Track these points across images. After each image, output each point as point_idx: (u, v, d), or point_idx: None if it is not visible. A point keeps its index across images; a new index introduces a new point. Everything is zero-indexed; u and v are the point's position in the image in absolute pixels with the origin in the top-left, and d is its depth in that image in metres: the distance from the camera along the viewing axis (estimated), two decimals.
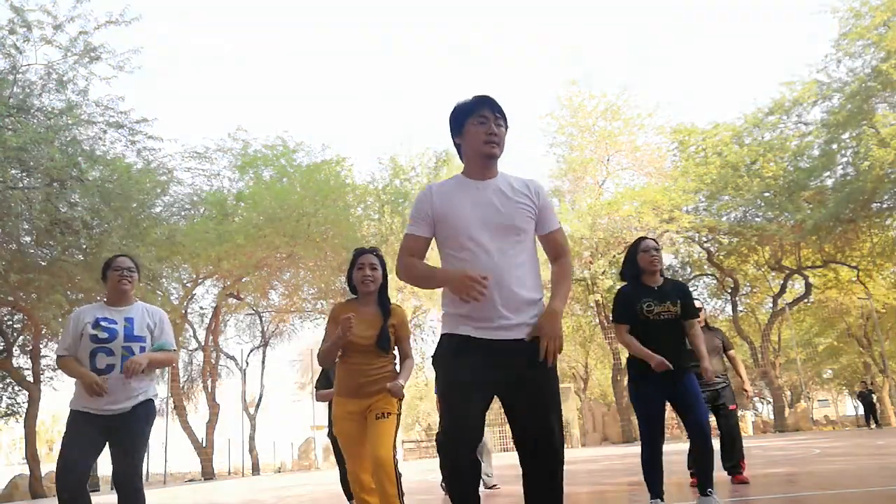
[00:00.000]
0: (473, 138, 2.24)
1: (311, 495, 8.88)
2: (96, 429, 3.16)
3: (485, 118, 2.23)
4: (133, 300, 3.45)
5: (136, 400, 3.24)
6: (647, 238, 4.05)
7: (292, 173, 21.74)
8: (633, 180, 27.40)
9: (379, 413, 3.25)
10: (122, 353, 3.23)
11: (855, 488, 4.13)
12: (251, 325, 27.69)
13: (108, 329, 3.25)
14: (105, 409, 3.17)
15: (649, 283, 3.93)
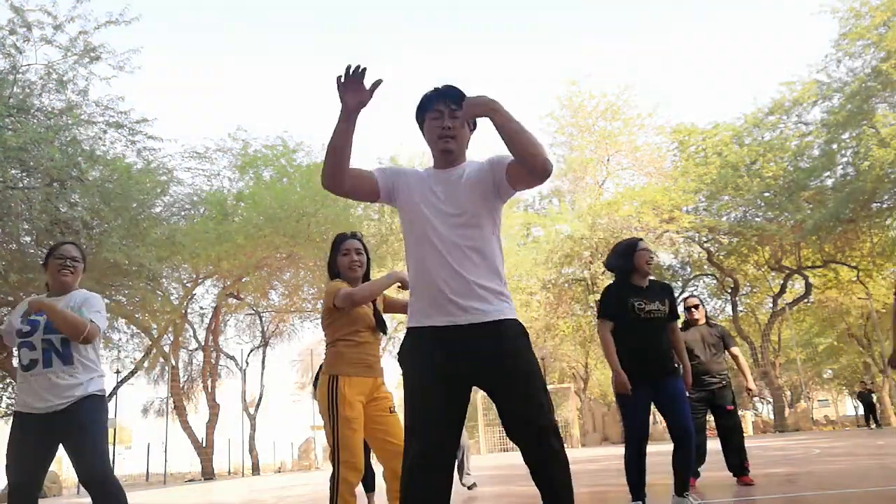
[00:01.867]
0: (429, 134, 2.18)
1: (311, 495, 8.87)
2: (39, 432, 2.91)
3: (439, 112, 2.15)
4: (72, 290, 3.14)
5: (74, 397, 2.94)
6: (640, 239, 4.10)
7: (292, 173, 21.73)
8: (633, 180, 27.43)
9: (392, 406, 3.24)
10: (42, 347, 2.95)
11: (855, 488, 4.13)
12: (251, 325, 27.70)
13: (32, 321, 2.99)
14: (37, 409, 2.90)
15: (638, 282, 3.96)
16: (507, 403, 2.01)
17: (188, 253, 17.78)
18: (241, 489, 12.99)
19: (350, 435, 3.06)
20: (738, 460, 5.63)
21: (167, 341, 23.86)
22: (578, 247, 24.81)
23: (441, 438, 1.98)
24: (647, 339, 3.82)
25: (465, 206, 2.10)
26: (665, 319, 3.92)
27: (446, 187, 2.13)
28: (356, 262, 3.31)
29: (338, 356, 3.22)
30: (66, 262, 3.12)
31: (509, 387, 1.99)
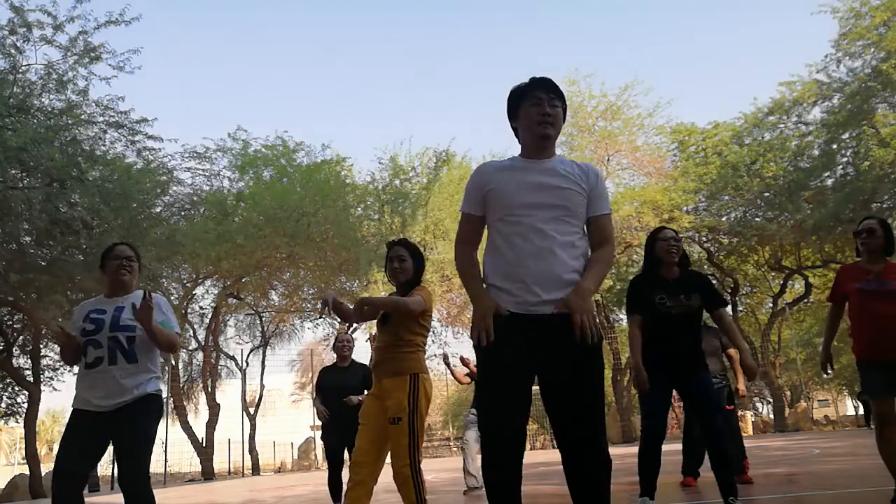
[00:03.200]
0: (527, 120, 2.25)
1: (311, 495, 8.87)
2: (94, 428, 2.98)
3: (539, 99, 2.23)
4: (132, 290, 3.22)
5: (132, 395, 3.00)
6: (666, 228, 3.92)
7: (292, 173, 21.73)
8: (633, 180, 27.40)
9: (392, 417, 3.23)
10: (108, 345, 3.01)
11: (855, 488, 4.14)
12: (251, 325, 27.69)
13: (96, 320, 3.06)
14: (97, 406, 2.97)
15: (666, 275, 3.80)
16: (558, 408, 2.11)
17: (188, 253, 17.79)
18: (241, 489, 12.99)
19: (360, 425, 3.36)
20: (736, 459, 5.63)
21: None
22: None
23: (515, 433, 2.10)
24: (667, 336, 3.69)
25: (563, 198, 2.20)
26: (692, 314, 3.75)
27: (548, 177, 2.22)
28: (397, 270, 3.45)
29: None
30: (123, 262, 3.18)
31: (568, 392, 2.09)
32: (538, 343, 2.07)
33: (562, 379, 2.08)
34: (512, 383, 2.06)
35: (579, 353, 2.07)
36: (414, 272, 3.46)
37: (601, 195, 2.29)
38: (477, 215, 2.28)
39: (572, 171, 2.25)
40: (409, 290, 3.40)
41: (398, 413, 3.20)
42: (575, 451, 2.07)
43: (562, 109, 2.28)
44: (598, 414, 2.08)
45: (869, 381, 3.55)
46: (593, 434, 2.06)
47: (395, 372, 3.28)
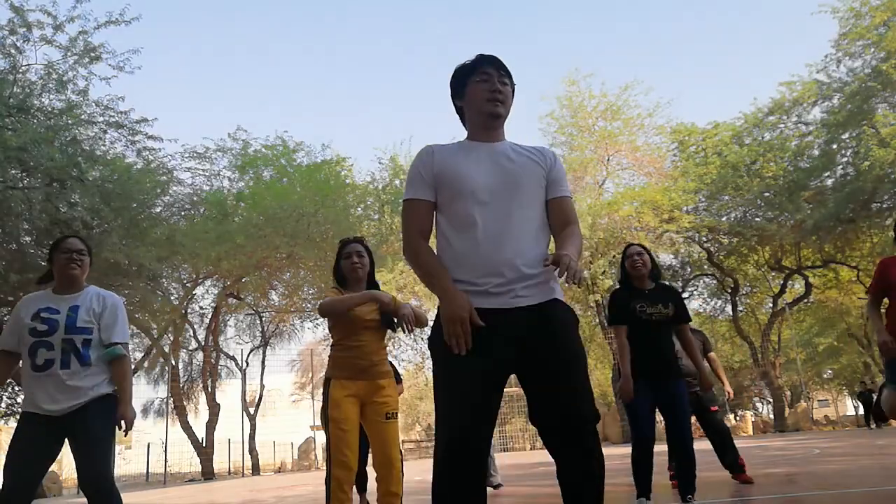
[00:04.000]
0: (476, 97, 2.07)
1: (311, 495, 8.87)
2: (46, 433, 2.83)
3: (488, 75, 2.06)
4: (83, 286, 3.05)
5: (87, 397, 2.87)
6: (633, 244, 4.16)
7: (292, 173, 21.74)
8: (633, 180, 27.39)
9: (389, 412, 3.27)
10: (62, 347, 2.86)
11: (855, 488, 4.14)
12: (251, 325, 27.69)
13: (49, 320, 2.88)
14: (49, 410, 2.82)
15: (640, 286, 4.02)
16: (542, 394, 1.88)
17: (188, 253, 17.79)
18: (241, 489, 12.99)
19: (337, 434, 3.13)
20: (731, 458, 5.66)
21: (167, 341, 23.87)
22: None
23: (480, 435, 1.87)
24: (650, 342, 3.86)
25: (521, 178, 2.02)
26: (669, 322, 3.94)
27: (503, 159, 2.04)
28: (357, 265, 3.40)
29: (332, 360, 3.35)
30: (73, 255, 3.01)
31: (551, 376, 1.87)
32: (505, 342, 1.86)
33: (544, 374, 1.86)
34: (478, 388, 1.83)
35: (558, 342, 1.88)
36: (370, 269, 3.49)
37: (560, 177, 2.10)
38: (428, 201, 2.03)
39: (528, 152, 2.09)
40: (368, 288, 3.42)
41: (395, 409, 3.30)
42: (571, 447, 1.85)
43: (511, 88, 2.10)
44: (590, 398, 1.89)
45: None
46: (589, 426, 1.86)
47: (389, 374, 3.38)
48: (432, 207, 2.06)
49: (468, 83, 2.09)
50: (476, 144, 2.09)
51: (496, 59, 2.09)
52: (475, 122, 2.12)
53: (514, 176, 2.01)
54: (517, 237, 1.94)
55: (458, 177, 2.00)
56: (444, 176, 2.02)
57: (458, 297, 1.86)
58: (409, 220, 2.04)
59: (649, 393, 3.86)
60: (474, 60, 2.10)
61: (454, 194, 2.00)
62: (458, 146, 2.11)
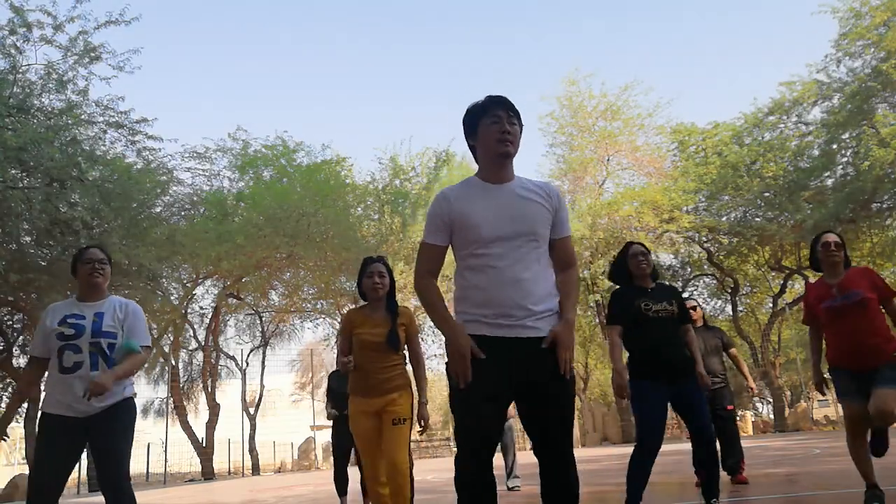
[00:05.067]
0: (487, 138, 2.23)
1: (311, 495, 8.88)
2: (71, 434, 2.97)
3: (498, 117, 2.21)
4: (105, 294, 3.26)
5: (111, 400, 3.04)
6: (635, 243, 4.06)
7: (292, 173, 21.75)
8: (633, 180, 27.43)
9: (396, 418, 3.43)
10: (89, 350, 3.04)
11: (855, 488, 4.14)
12: (251, 325, 27.69)
13: (75, 325, 3.07)
14: (78, 411, 2.98)
15: (642, 285, 3.93)
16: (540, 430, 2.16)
17: (188, 253, 17.79)
18: (241, 489, 12.99)
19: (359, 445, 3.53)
20: (735, 461, 5.64)
21: (167, 341, 23.86)
22: (578, 247, 24.79)
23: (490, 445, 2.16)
24: (659, 338, 3.74)
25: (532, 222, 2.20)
26: (675, 319, 3.83)
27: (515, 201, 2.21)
28: (378, 285, 3.62)
29: (350, 376, 3.63)
30: (95, 265, 3.19)
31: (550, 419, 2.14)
32: (515, 365, 2.09)
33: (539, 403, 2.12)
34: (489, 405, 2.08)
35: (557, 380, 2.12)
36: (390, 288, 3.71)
37: (565, 217, 2.31)
38: (442, 245, 2.25)
39: (537, 193, 2.25)
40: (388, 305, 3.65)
41: (404, 415, 3.46)
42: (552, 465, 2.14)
43: (519, 128, 2.27)
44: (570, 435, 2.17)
45: (842, 384, 3.65)
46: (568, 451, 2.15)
47: (403, 386, 3.56)
48: (444, 251, 2.27)
49: (480, 124, 2.25)
50: (488, 186, 2.25)
51: (505, 101, 2.25)
52: (486, 161, 2.27)
53: (524, 221, 2.19)
54: (527, 279, 2.14)
55: (473, 224, 2.18)
56: (459, 223, 2.20)
57: (460, 334, 2.11)
58: (421, 261, 2.27)
59: (661, 394, 3.68)
60: (484, 102, 2.26)
61: (469, 240, 2.19)
62: (471, 188, 2.27)
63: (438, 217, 2.23)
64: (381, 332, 3.51)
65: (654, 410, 3.67)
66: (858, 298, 3.60)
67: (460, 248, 2.22)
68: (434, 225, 2.24)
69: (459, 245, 2.22)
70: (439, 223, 2.23)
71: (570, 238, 2.34)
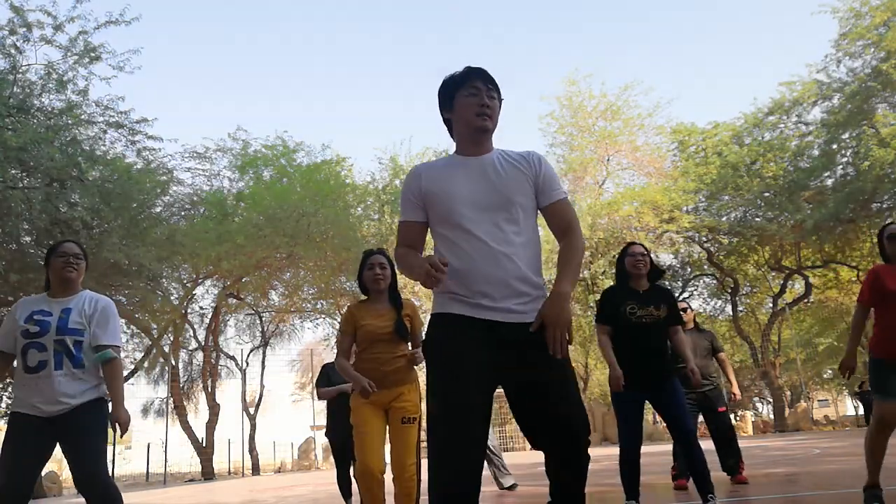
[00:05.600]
0: (464, 111, 2.10)
1: (311, 495, 8.88)
2: (38, 434, 2.87)
3: (476, 89, 2.09)
4: (78, 290, 3.12)
5: (79, 400, 2.92)
6: (636, 243, 4.12)
7: (292, 173, 21.74)
8: (633, 180, 27.42)
9: (406, 417, 3.37)
10: (54, 349, 2.90)
11: (855, 488, 4.14)
12: (251, 325, 27.69)
13: (41, 322, 2.94)
14: (43, 411, 2.86)
15: (635, 286, 3.97)
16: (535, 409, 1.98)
17: (188, 253, 17.78)
18: (241, 489, 12.99)
19: (358, 438, 3.35)
20: (734, 461, 5.65)
21: (167, 341, 23.86)
22: None
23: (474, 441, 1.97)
24: (639, 344, 3.82)
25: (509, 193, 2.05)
26: (661, 324, 3.89)
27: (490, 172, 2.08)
28: (379, 276, 3.54)
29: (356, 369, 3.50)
30: (70, 258, 3.07)
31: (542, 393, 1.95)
32: (497, 348, 1.92)
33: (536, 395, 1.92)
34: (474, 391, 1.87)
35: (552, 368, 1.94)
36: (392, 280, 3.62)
37: (551, 179, 2.12)
38: (419, 222, 2.12)
39: (515, 162, 2.11)
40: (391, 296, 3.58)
41: (414, 413, 3.39)
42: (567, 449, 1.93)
43: (498, 102, 2.14)
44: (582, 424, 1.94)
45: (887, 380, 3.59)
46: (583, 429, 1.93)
47: (410, 380, 3.50)
48: (422, 227, 2.14)
49: (457, 96, 2.12)
50: (464, 159, 2.13)
51: (484, 73, 2.13)
52: (463, 136, 2.15)
53: (501, 191, 2.04)
54: (507, 254, 1.98)
55: (446, 197, 2.05)
56: (432, 197, 2.08)
57: (418, 259, 1.99)
58: (398, 240, 2.16)
59: (640, 395, 3.84)
60: (463, 73, 2.13)
61: (443, 214, 2.05)
62: (447, 162, 2.16)
63: (410, 193, 2.12)
64: (387, 324, 3.45)
65: (632, 412, 3.86)
66: None
67: (435, 223, 2.09)
68: (407, 201, 2.13)
69: (435, 220, 2.09)
70: (411, 198, 2.12)
71: (565, 201, 2.12)
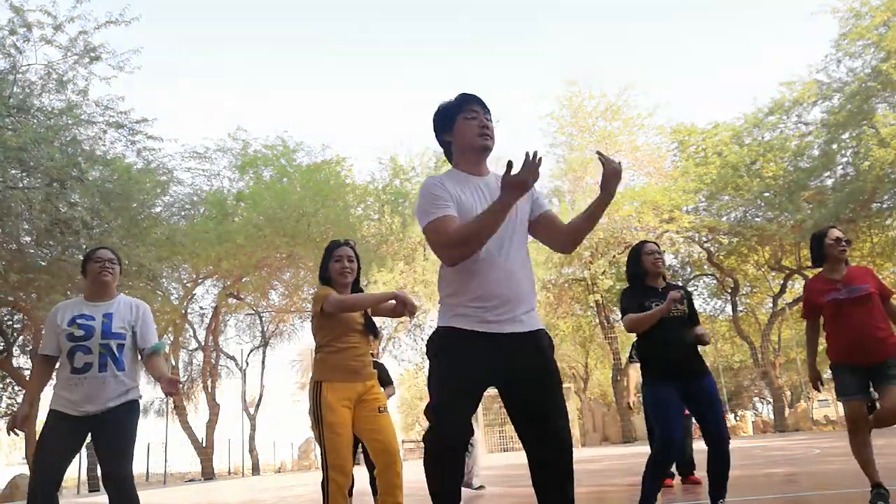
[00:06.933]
0: (466, 132, 2.26)
1: (311, 495, 8.88)
2: (75, 432, 3.05)
3: (475, 112, 2.25)
4: (114, 294, 3.30)
5: (118, 401, 3.10)
6: (648, 241, 4.03)
7: (292, 173, 21.75)
8: (633, 180, 27.41)
9: (381, 406, 3.31)
10: (99, 351, 3.10)
11: (855, 488, 4.14)
12: (251, 325, 27.71)
13: (85, 326, 3.11)
14: (82, 410, 3.03)
15: (653, 284, 3.87)
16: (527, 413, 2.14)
17: (188, 253, 17.80)
18: (241, 489, 12.99)
19: (334, 439, 3.18)
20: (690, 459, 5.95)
21: (167, 341, 23.87)
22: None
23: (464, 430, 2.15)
24: (670, 338, 3.68)
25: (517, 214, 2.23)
26: (686, 320, 3.79)
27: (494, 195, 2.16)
28: (347, 269, 3.41)
29: (321, 362, 3.30)
30: (105, 264, 3.23)
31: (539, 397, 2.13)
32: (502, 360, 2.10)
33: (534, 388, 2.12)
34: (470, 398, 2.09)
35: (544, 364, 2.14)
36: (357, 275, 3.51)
37: (540, 193, 2.38)
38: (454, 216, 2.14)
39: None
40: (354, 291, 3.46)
41: (385, 404, 3.36)
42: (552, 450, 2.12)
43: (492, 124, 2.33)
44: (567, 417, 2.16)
45: (844, 382, 3.66)
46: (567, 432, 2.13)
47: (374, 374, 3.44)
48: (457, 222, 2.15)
49: (457, 120, 2.26)
50: (468, 177, 2.27)
51: (479, 98, 2.29)
52: (466, 156, 2.29)
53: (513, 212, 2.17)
54: (511, 270, 2.16)
55: (467, 210, 2.16)
56: (458, 206, 2.17)
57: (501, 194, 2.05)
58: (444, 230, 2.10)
59: (676, 393, 3.65)
60: (460, 99, 2.29)
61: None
62: (455, 178, 2.27)
63: (443, 192, 2.16)
64: (359, 317, 3.37)
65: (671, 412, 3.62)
66: (865, 292, 3.61)
67: None
68: (439, 199, 2.15)
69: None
70: (446, 197, 2.15)
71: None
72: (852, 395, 3.63)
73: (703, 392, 3.64)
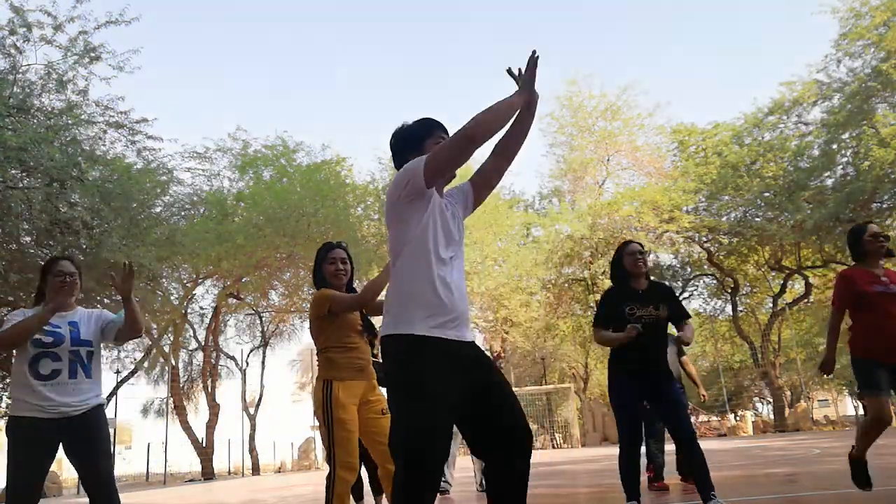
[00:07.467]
0: None
1: (311, 495, 8.88)
2: (47, 435, 2.98)
3: (443, 139, 2.28)
4: (74, 306, 3.28)
5: (89, 404, 3.10)
6: (632, 241, 4.07)
7: (292, 173, 21.74)
8: (633, 180, 27.44)
9: (384, 408, 3.32)
10: (69, 358, 3.08)
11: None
12: (251, 325, 27.70)
13: (53, 333, 3.08)
14: (53, 413, 2.98)
15: (635, 286, 3.94)
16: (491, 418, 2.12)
17: (188, 253, 17.78)
18: (241, 489, 12.99)
19: (345, 436, 3.19)
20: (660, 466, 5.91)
21: (167, 341, 23.87)
22: (578, 247, 24.80)
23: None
24: (638, 345, 3.77)
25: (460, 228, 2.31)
26: (662, 324, 3.88)
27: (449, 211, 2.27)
28: (341, 271, 3.42)
29: (330, 362, 3.30)
30: (66, 278, 3.20)
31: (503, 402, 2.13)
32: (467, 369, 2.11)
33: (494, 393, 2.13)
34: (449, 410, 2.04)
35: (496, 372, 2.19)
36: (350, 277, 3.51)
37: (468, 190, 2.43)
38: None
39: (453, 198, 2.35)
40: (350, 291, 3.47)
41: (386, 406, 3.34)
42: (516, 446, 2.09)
43: None
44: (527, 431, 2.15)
45: (874, 376, 3.63)
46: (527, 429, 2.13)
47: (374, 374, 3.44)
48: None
49: (425, 144, 2.29)
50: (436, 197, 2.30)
51: (444, 126, 2.35)
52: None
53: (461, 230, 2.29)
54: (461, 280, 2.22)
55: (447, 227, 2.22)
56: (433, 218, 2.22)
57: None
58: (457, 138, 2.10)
59: (637, 392, 3.84)
60: (429, 124, 2.33)
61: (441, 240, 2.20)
62: None
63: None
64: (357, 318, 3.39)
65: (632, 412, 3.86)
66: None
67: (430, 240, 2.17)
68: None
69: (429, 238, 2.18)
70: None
71: None
72: (883, 391, 3.59)
73: (666, 398, 3.80)
